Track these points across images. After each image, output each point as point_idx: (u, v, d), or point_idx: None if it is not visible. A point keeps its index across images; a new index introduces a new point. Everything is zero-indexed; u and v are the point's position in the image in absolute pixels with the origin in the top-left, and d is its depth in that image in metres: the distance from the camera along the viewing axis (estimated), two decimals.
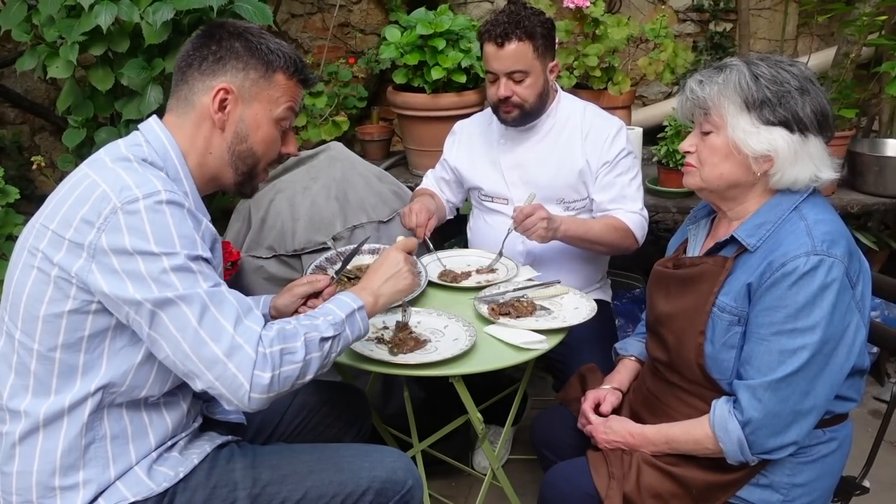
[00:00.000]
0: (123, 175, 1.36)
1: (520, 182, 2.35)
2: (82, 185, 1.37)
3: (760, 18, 3.76)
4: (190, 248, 1.33)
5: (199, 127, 1.49)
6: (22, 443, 1.41)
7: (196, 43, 1.50)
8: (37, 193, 3.86)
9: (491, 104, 2.32)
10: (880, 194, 2.82)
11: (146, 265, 1.30)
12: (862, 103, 3.21)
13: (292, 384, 1.37)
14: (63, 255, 1.34)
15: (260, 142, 1.52)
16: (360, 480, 1.55)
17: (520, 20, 2.17)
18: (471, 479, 2.53)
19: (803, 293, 1.44)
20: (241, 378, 1.30)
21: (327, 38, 3.90)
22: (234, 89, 1.47)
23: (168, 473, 1.46)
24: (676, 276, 1.67)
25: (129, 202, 1.31)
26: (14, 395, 1.42)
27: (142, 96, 2.46)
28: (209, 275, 1.34)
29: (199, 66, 1.48)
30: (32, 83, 4.08)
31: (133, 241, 1.30)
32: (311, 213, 2.48)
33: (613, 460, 1.63)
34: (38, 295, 1.37)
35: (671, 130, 2.76)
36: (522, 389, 2.09)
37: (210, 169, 1.52)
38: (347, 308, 1.49)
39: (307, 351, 1.37)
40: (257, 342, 1.31)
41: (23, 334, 1.39)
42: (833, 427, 1.59)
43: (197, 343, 1.30)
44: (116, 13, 2.33)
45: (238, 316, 1.33)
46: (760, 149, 1.50)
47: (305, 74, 1.54)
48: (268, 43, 1.50)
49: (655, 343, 1.72)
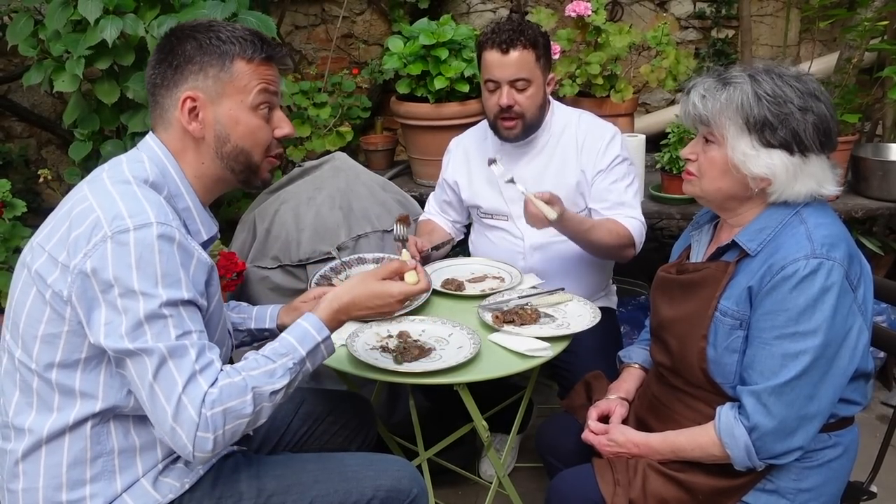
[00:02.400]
0: (119, 202, 1.34)
1: (518, 198, 2.30)
2: (79, 208, 1.36)
3: (762, 25, 3.77)
4: (171, 291, 1.30)
5: (183, 141, 1.46)
6: (25, 460, 1.41)
7: (153, 60, 1.46)
8: (43, 206, 3.88)
9: (490, 117, 2.28)
10: (885, 199, 2.82)
11: (122, 301, 1.28)
12: (865, 108, 3.21)
13: (243, 433, 1.35)
14: (56, 276, 1.33)
15: (242, 136, 1.46)
16: (365, 489, 1.55)
17: (524, 29, 2.18)
18: (477, 488, 2.53)
19: (804, 296, 1.44)
20: (184, 439, 1.28)
21: (331, 48, 3.92)
22: (198, 94, 1.42)
23: (174, 485, 1.46)
24: (679, 282, 1.67)
25: (119, 232, 1.30)
26: (19, 412, 1.42)
27: (147, 109, 2.47)
28: (181, 321, 1.31)
29: (162, 83, 1.44)
30: (39, 97, 4.11)
31: (116, 272, 1.28)
32: (315, 223, 2.49)
33: (619, 467, 1.63)
34: (36, 314, 1.37)
35: (674, 137, 2.77)
36: (527, 397, 2.09)
37: (209, 178, 1.49)
38: (310, 342, 1.43)
39: (255, 404, 1.33)
40: (201, 404, 1.28)
41: (22, 353, 1.39)
42: (839, 431, 1.58)
43: (151, 397, 1.30)
44: (122, 27, 2.35)
45: (192, 373, 1.29)
46: (759, 172, 1.50)
47: (268, 52, 1.46)
48: (218, 34, 1.43)
49: (659, 348, 1.72)
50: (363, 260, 2.27)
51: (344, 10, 3.89)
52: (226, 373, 1.34)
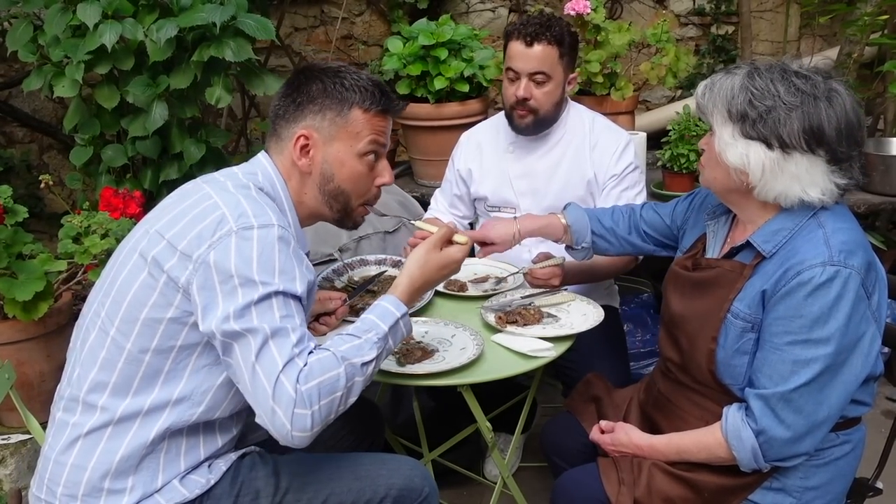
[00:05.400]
0: (243, 202, 1.42)
1: (528, 191, 2.34)
2: (203, 204, 1.44)
3: (762, 20, 3.76)
4: (287, 283, 1.37)
5: (292, 171, 1.56)
6: (87, 437, 1.43)
7: (281, 93, 1.58)
8: (46, 212, 3.89)
9: (506, 105, 2.30)
10: (887, 193, 2.81)
11: (242, 290, 1.34)
12: (866, 103, 3.20)
13: (336, 411, 1.37)
14: (174, 263, 1.39)
15: (346, 179, 1.56)
16: (378, 488, 1.57)
17: (552, 25, 2.20)
18: (482, 488, 2.53)
19: (819, 304, 1.42)
20: (283, 418, 1.31)
21: (331, 50, 3.92)
22: (313, 133, 1.53)
23: (199, 481, 1.49)
24: (693, 279, 1.65)
25: (244, 228, 1.38)
26: (93, 389, 1.44)
27: (147, 113, 2.48)
28: (287, 308, 1.36)
29: (284, 115, 1.55)
30: (40, 102, 4.11)
31: (237, 263, 1.35)
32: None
33: (624, 466, 1.63)
34: (142, 298, 1.41)
35: (675, 135, 2.76)
36: (531, 397, 2.09)
37: (307, 207, 1.59)
38: (390, 318, 1.47)
39: (348, 378, 1.37)
40: (296, 381, 1.32)
41: (118, 332, 1.43)
42: (846, 430, 1.58)
43: (253, 378, 1.33)
44: (121, 32, 2.36)
45: (292, 355, 1.34)
46: (734, 161, 1.49)
47: (385, 105, 1.56)
48: (343, 80, 1.53)
49: (668, 342, 1.71)
50: (365, 262, 2.26)
51: (343, 12, 3.89)
52: (315, 352, 1.38)
